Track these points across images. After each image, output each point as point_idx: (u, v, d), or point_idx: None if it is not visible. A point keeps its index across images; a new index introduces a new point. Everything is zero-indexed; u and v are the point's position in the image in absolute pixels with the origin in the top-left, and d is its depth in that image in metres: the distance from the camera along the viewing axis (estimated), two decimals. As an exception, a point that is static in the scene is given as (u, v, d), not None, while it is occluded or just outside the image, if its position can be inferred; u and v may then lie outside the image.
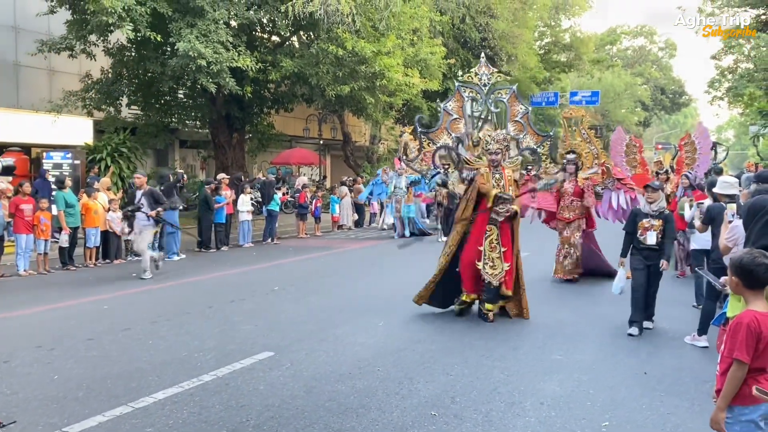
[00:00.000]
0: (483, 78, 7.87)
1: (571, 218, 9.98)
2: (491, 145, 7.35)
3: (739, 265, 3.13)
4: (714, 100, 38.95)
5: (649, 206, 6.81)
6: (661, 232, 6.71)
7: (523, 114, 7.83)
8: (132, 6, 14.07)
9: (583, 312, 8.06)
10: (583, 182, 9.89)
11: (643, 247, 6.80)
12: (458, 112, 7.87)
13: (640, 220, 6.81)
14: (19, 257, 10.99)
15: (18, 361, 5.99)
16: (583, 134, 10.25)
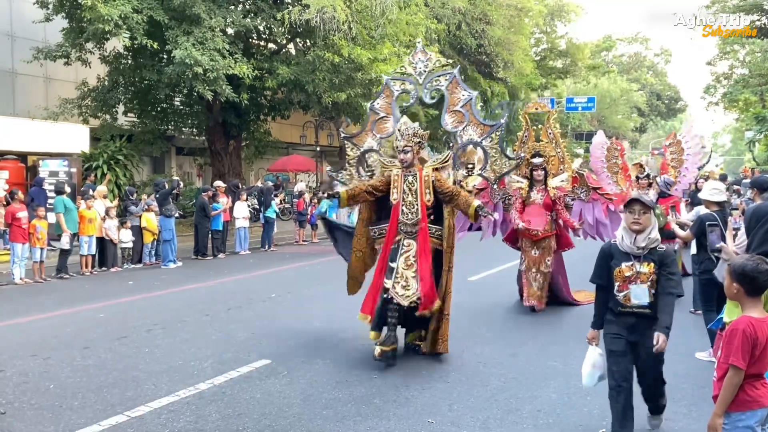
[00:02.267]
0: (419, 66, 6.68)
1: (540, 236, 8.26)
2: (399, 141, 6.07)
3: (742, 272, 3.12)
4: (709, 105, 39.14)
5: (630, 239, 3.99)
6: (654, 284, 3.97)
7: (465, 101, 6.52)
8: (128, 14, 14.10)
9: (581, 318, 8.05)
10: (555, 192, 8.36)
11: (625, 311, 4.05)
12: (386, 109, 6.81)
13: (618, 265, 4.02)
14: (14, 265, 10.95)
15: (14, 370, 5.96)
16: (549, 134, 8.70)
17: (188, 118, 20.26)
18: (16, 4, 18.63)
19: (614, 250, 4.05)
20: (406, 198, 6.03)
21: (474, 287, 10.16)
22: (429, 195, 5.99)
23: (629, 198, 3.99)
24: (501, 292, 9.60)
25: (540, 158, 8.41)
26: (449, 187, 6.03)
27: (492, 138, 6.44)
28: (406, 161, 6.02)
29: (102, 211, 12.55)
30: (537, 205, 8.33)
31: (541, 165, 8.38)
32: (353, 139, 6.94)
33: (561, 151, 8.59)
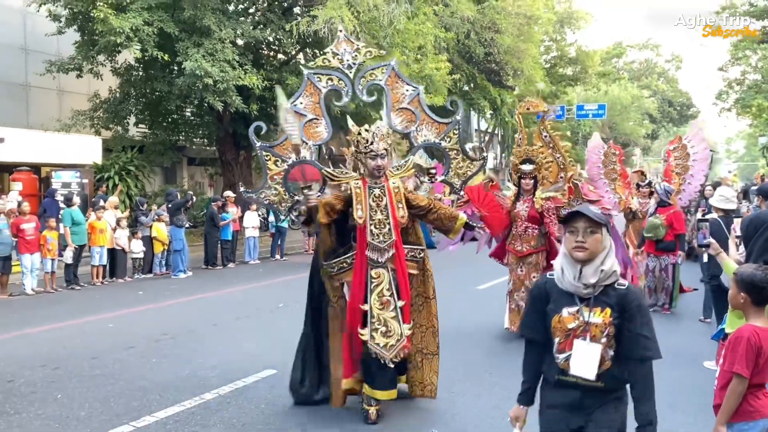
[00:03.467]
0: (346, 58, 5.37)
1: (525, 251, 7.18)
2: (374, 144, 4.72)
3: (752, 282, 3.10)
4: (722, 111, 38.85)
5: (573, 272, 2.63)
6: (611, 341, 2.60)
7: (412, 97, 5.34)
8: (140, 26, 14.27)
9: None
10: (542, 203, 7.14)
11: (566, 382, 2.69)
12: (314, 110, 5.37)
13: (556, 311, 2.68)
14: (24, 276, 11.06)
15: (22, 380, 6.01)
16: (544, 137, 7.44)
17: (199, 129, 20.41)
18: (30, 17, 18.88)
19: (551, 288, 2.68)
20: (374, 216, 4.72)
21: (482, 296, 10.12)
22: (403, 211, 4.78)
23: (570, 211, 2.67)
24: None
25: (530, 165, 7.20)
26: (423, 199, 4.96)
27: (449, 137, 5.37)
28: (380, 169, 4.78)
29: (113, 221, 12.65)
30: (521, 218, 7.19)
31: (531, 173, 7.20)
32: (274, 149, 5.41)
33: (561, 156, 7.40)
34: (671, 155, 9.54)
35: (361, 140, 4.80)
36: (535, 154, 7.29)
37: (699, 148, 9.33)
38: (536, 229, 7.17)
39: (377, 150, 4.73)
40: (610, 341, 2.56)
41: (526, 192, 7.24)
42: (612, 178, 9.43)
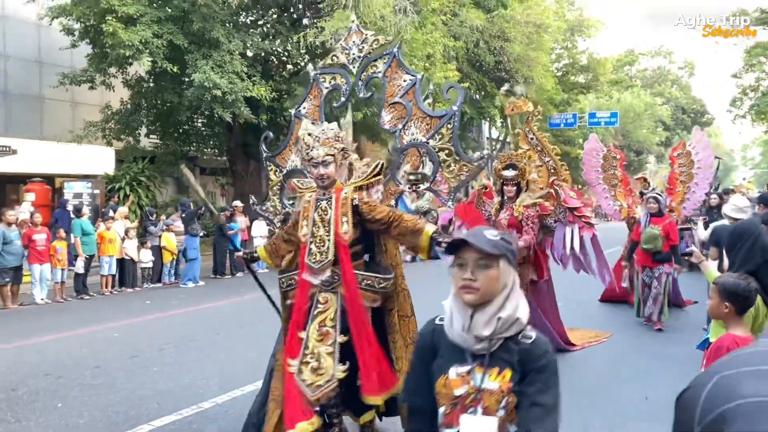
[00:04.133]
0: (353, 51, 4.79)
1: None
2: (313, 150, 4.05)
3: (736, 292, 3.12)
4: (736, 118, 38.55)
5: (462, 318, 1.94)
6: (512, 413, 1.88)
7: (407, 88, 4.56)
8: (149, 39, 14.48)
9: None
10: (522, 211, 6.57)
11: None
12: (314, 114, 4.93)
13: (443, 370, 1.95)
14: (34, 286, 11.22)
15: (25, 389, 6.11)
16: (530, 139, 6.96)
17: (210, 140, 20.61)
18: (44, 31, 19.22)
19: (439, 337, 1.99)
20: (316, 232, 4.06)
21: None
22: (347, 225, 3.99)
23: (454, 239, 2.04)
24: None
25: (513, 171, 6.61)
26: (382, 211, 4.01)
27: (442, 134, 4.37)
28: (323, 179, 4.03)
29: (122, 231, 12.81)
30: (502, 226, 6.62)
31: (513, 179, 6.63)
32: (275, 158, 5.12)
33: (552, 159, 6.94)
34: (675, 162, 9.20)
35: (303, 146, 4.15)
36: (519, 159, 6.72)
37: (704, 155, 9.00)
38: (518, 238, 6.61)
39: (317, 157, 4.02)
40: (510, 414, 1.86)
41: (509, 199, 6.74)
42: (612, 184, 9.10)
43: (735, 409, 0.77)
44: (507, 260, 1.93)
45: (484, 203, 7.05)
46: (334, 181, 4.07)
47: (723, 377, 0.84)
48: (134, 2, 14.76)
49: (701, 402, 0.82)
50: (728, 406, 0.78)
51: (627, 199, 9.09)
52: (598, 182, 9.19)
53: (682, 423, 0.88)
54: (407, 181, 4.50)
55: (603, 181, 9.14)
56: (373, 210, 4.02)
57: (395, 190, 4.55)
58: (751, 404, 0.77)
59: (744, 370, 0.83)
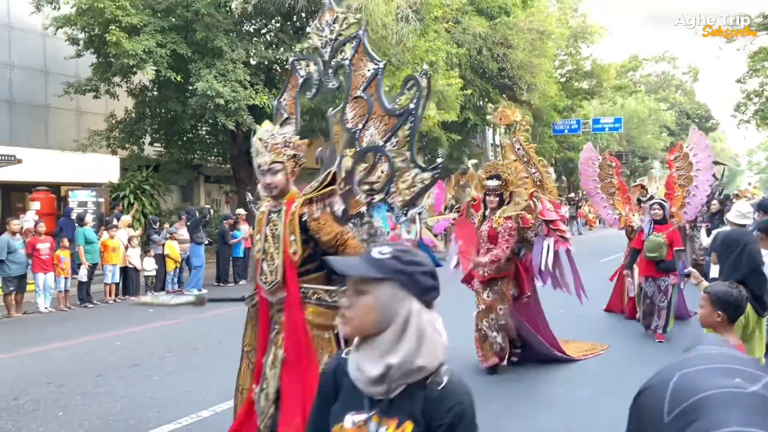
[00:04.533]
0: (325, 33, 4.15)
1: (487, 276, 6.36)
2: (259, 156, 3.70)
3: (727, 301, 3.13)
4: (741, 123, 38.47)
5: (354, 359, 1.56)
6: None
7: (369, 81, 3.91)
8: (152, 48, 14.59)
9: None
10: (501, 223, 6.27)
11: None
12: (291, 106, 4.42)
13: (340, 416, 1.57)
14: (38, 295, 11.28)
15: (27, 398, 6.15)
16: (517, 150, 6.74)
17: (214, 147, 20.69)
18: (50, 41, 19.37)
19: (342, 376, 1.63)
20: (268, 249, 3.72)
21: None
22: (295, 245, 3.58)
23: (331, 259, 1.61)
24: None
25: (496, 181, 6.38)
26: (329, 232, 3.58)
27: (398, 137, 3.76)
28: (269, 188, 3.67)
29: (125, 240, 12.87)
30: (483, 239, 6.43)
31: (496, 190, 6.37)
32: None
33: (538, 171, 6.72)
34: (672, 166, 8.81)
35: (253, 151, 3.77)
36: (504, 170, 6.48)
37: (702, 156, 8.57)
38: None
39: (263, 164, 3.64)
40: None
41: (492, 210, 6.48)
42: (610, 193, 8.94)
43: (705, 399, 0.81)
44: (397, 285, 1.47)
45: (472, 216, 6.86)
46: (284, 192, 3.69)
47: (685, 374, 0.88)
48: (138, 12, 14.89)
49: (668, 395, 0.86)
50: (698, 397, 0.82)
51: (625, 207, 8.93)
52: (596, 191, 9.07)
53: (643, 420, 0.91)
54: (363, 191, 3.87)
55: (601, 189, 9.00)
56: (321, 229, 3.59)
57: (361, 201, 3.88)
58: (720, 394, 0.81)
59: (702, 367, 0.87)
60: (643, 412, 0.89)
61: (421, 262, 1.51)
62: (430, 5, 18.57)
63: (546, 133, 34.34)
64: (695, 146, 8.67)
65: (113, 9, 14.23)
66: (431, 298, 1.51)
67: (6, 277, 10.80)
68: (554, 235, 6.48)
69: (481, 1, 25.77)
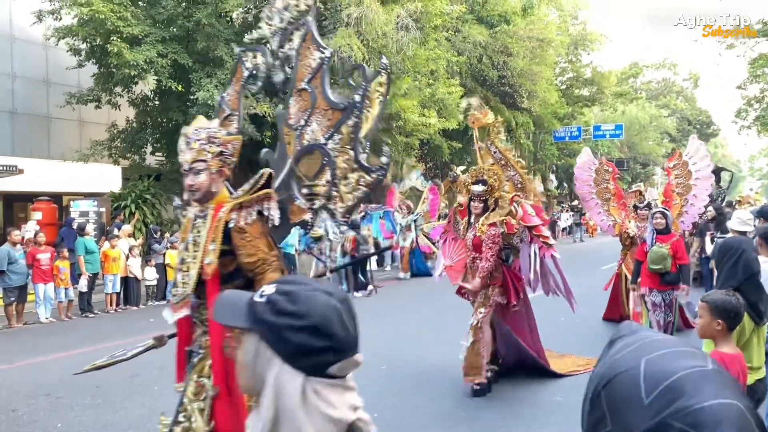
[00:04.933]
0: (275, 21, 3.78)
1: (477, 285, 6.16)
2: (181, 154, 3.35)
3: (725, 309, 3.13)
4: (742, 129, 38.49)
5: None
6: None
7: (315, 72, 3.55)
8: (154, 58, 14.66)
9: (590, 351, 7.95)
10: (485, 230, 6.00)
11: None
12: (234, 101, 4.02)
13: None
14: (39, 306, 11.29)
15: (26, 409, 6.15)
16: (493, 153, 6.38)
17: (215, 157, 20.76)
18: (52, 52, 19.48)
19: None
20: (186, 257, 3.35)
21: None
22: (212, 256, 3.18)
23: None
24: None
25: (481, 186, 6.05)
26: (252, 254, 3.17)
27: (342, 134, 3.37)
28: (194, 190, 3.26)
29: (126, 249, 12.90)
30: (468, 248, 6.24)
31: (481, 195, 6.06)
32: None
33: (518, 173, 6.39)
34: (671, 173, 8.63)
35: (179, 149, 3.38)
36: (490, 174, 6.18)
37: (702, 164, 8.45)
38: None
39: (184, 163, 3.27)
40: None
41: (476, 217, 6.18)
42: (605, 198, 8.75)
43: (679, 379, 0.86)
44: (263, 340, 1.12)
45: (459, 223, 6.60)
46: (209, 195, 3.26)
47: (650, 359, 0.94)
48: (139, 23, 14.97)
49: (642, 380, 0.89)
50: (674, 378, 0.87)
51: (620, 213, 8.69)
52: (591, 197, 8.85)
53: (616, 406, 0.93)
54: (302, 195, 3.45)
55: (596, 195, 8.79)
56: (243, 247, 3.16)
57: (302, 208, 3.48)
58: (690, 373, 0.87)
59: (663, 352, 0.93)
60: (616, 398, 0.94)
61: (300, 313, 1.10)
62: (430, 14, 18.64)
63: (547, 140, 34.38)
64: (694, 155, 8.54)
65: (114, 20, 14.31)
66: (309, 365, 1.10)
67: (7, 288, 10.81)
68: (537, 241, 6.15)
69: (481, 10, 25.89)
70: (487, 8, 26.23)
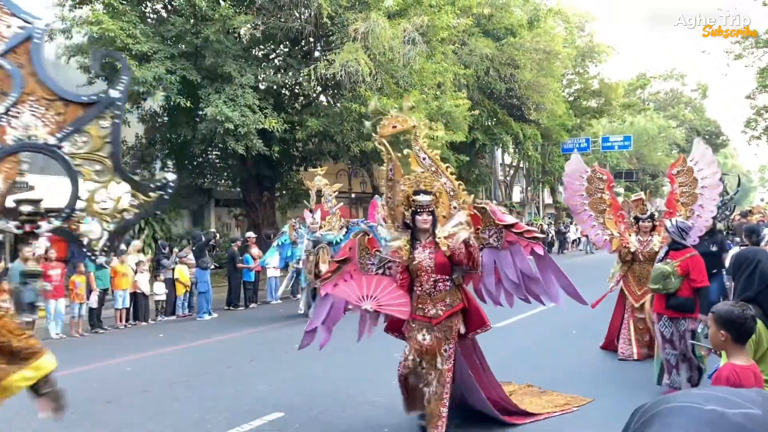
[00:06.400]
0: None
1: (443, 314, 5.11)
2: None
3: (729, 319, 3.10)
4: (752, 139, 38.32)
5: None
6: None
7: (16, 43, 2.92)
8: (162, 75, 14.79)
9: (602, 363, 7.87)
10: (449, 243, 5.03)
11: None
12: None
13: None
14: (49, 322, 11.31)
15: (36, 425, 6.13)
16: (422, 159, 5.43)
17: (224, 172, 20.88)
18: (62, 70, 19.64)
19: None
20: None
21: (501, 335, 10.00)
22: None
23: None
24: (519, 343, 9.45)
25: (428, 196, 5.16)
26: None
27: (89, 136, 2.91)
28: None
29: (134, 265, 12.93)
30: (426, 271, 5.12)
31: (429, 206, 5.14)
32: None
33: (448, 180, 5.44)
34: (675, 181, 7.67)
35: None
36: (430, 182, 5.32)
37: (708, 171, 7.54)
38: (448, 280, 5.16)
39: None
40: None
41: (424, 233, 5.18)
42: (599, 210, 7.86)
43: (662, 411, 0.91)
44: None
45: (369, 255, 5.56)
46: None
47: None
48: (148, 40, 15.12)
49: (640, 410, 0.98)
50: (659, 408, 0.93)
51: (618, 226, 7.77)
52: (583, 209, 7.96)
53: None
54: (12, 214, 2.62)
55: (589, 206, 7.91)
56: None
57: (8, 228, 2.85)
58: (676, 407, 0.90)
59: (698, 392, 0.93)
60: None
61: None
62: (437, 28, 18.74)
63: (555, 152, 34.37)
64: (700, 160, 7.64)
65: (124, 37, 14.47)
66: None
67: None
68: (521, 239, 5.29)
69: (487, 23, 26.01)
70: (493, 21, 26.36)
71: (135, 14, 15.70)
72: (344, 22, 16.74)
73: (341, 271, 5.54)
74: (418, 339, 5.15)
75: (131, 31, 14.75)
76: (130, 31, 14.73)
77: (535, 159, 32.71)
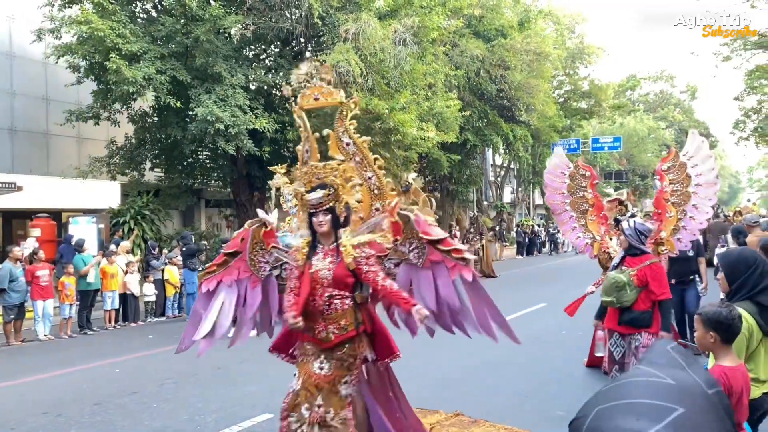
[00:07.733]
0: None
1: (334, 339, 4.10)
2: None
3: (718, 321, 3.12)
4: (740, 140, 38.65)
5: None
6: None
7: None
8: (152, 75, 14.71)
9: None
10: (356, 253, 4.10)
11: None
12: None
13: None
14: (37, 323, 11.23)
15: (24, 428, 6.10)
16: (344, 144, 4.59)
17: (214, 172, 20.78)
18: (51, 69, 19.56)
19: None
20: None
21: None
22: None
23: None
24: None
25: (320, 191, 4.13)
26: None
27: None
28: None
29: (123, 265, 12.86)
30: (322, 284, 4.10)
31: (322, 204, 4.11)
32: None
33: (375, 174, 4.56)
34: (664, 178, 6.81)
35: None
36: (328, 174, 4.43)
37: (704, 167, 6.72)
38: (348, 298, 4.13)
39: None
40: None
41: (324, 237, 4.20)
42: (581, 210, 7.16)
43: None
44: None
45: (263, 250, 4.59)
46: None
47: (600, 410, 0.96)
48: (138, 40, 15.03)
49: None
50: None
51: (600, 228, 7.11)
52: (563, 208, 7.26)
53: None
54: None
55: (570, 206, 7.23)
56: None
57: None
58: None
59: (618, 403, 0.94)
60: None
61: None
62: (427, 29, 18.74)
63: (546, 153, 34.45)
64: (695, 155, 6.82)
65: (113, 37, 14.37)
66: None
67: (6, 306, 10.76)
68: (448, 259, 4.07)
69: (478, 24, 26.06)
70: (484, 23, 26.40)
71: (125, 14, 15.59)
72: (335, 23, 16.72)
73: (228, 266, 4.65)
74: (311, 367, 4.18)
75: (121, 31, 14.64)
76: (120, 31, 14.63)
77: (525, 160, 32.81)
